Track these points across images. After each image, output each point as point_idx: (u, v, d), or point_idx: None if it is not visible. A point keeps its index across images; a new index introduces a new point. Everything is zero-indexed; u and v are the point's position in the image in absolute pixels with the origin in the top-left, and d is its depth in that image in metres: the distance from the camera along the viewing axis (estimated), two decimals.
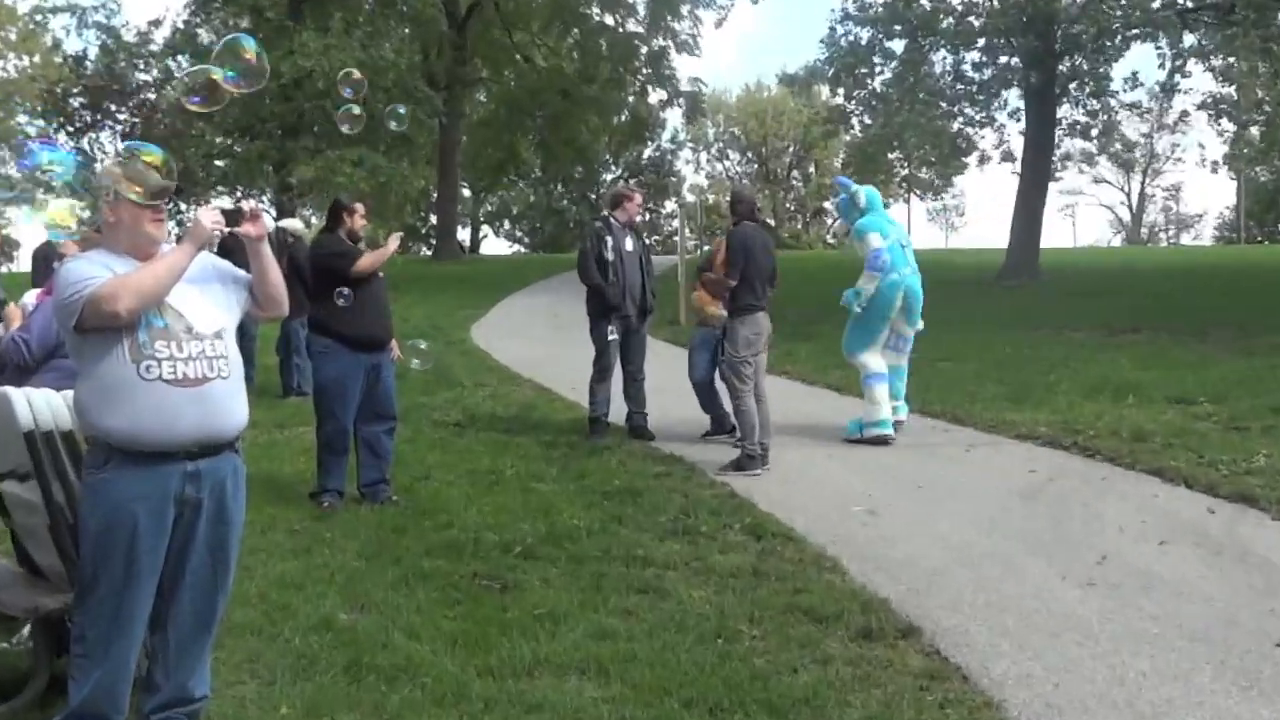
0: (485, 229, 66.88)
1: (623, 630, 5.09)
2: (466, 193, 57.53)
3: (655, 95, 42.85)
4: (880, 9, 26.81)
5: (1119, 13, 24.54)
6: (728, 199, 9.94)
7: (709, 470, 8.59)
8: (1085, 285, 24.82)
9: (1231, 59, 32.05)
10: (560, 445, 9.58)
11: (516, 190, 63.16)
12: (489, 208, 65.85)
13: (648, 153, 61.29)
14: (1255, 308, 18.88)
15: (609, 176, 60.05)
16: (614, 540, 6.59)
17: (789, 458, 9.06)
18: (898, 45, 27.36)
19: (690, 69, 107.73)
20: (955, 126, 28.31)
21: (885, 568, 6.14)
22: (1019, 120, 28.68)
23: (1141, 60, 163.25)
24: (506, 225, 68.27)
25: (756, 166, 70.31)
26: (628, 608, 5.42)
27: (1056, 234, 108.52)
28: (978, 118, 27.69)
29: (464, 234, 57.63)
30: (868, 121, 29.04)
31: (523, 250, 64.61)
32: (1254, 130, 30.45)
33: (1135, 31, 25.38)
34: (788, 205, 70.61)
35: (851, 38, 27.31)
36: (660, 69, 39.78)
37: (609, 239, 9.79)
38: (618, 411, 10.16)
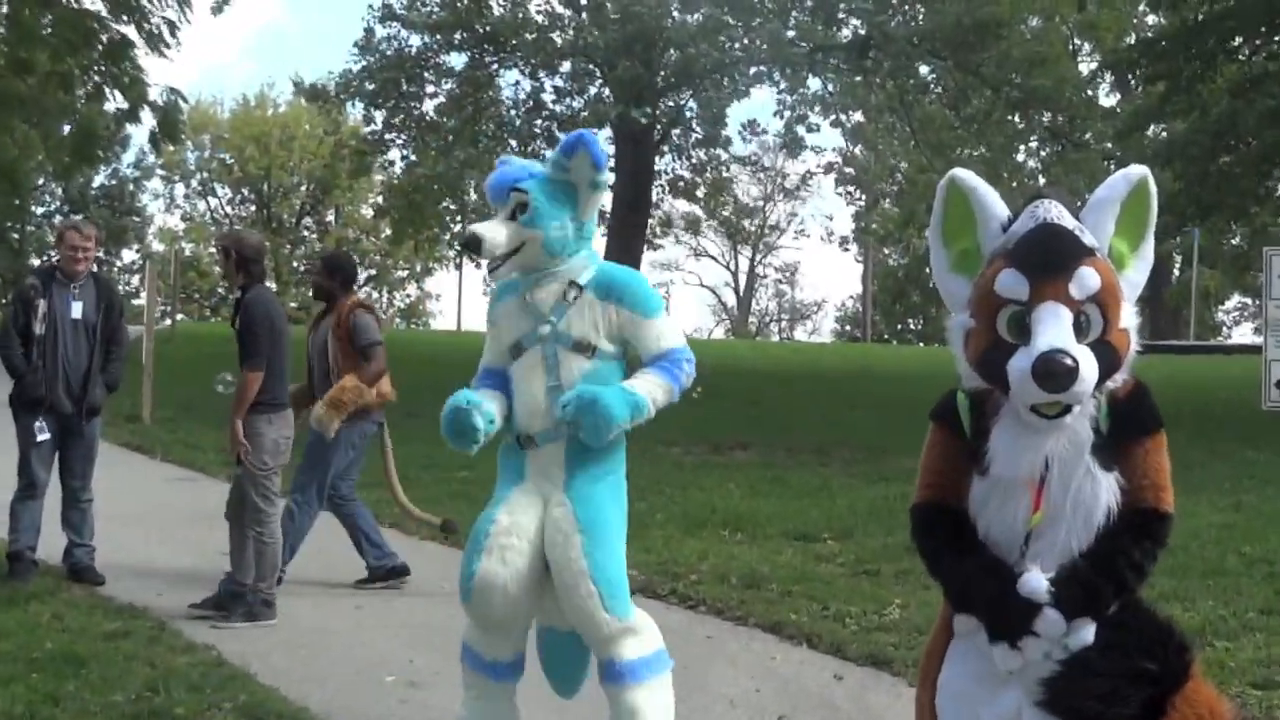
0: None
1: None
2: None
3: (114, 103, 41.15)
4: (438, 9, 26.80)
5: (739, 45, 25.58)
6: (216, 249, 9.63)
7: (187, 628, 8.22)
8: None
9: (858, 115, 34.22)
10: None
11: None
12: None
13: (100, 180, 59.03)
14: (886, 423, 19.43)
15: (41, 210, 57.30)
16: None
17: (299, 609, 8.87)
18: (458, 60, 27.79)
19: (174, 74, 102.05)
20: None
21: None
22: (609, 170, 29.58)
23: (756, 111, 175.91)
24: None
25: (255, 209, 68.52)
26: None
27: None
28: None
29: None
30: (413, 158, 28.96)
31: None
32: (887, 202, 32.55)
33: (758, 69, 26.48)
34: (294, 264, 68.02)
35: (397, 44, 27.32)
36: (122, 66, 38.19)
37: (40, 303, 9.51)
38: (53, 546, 9.64)
